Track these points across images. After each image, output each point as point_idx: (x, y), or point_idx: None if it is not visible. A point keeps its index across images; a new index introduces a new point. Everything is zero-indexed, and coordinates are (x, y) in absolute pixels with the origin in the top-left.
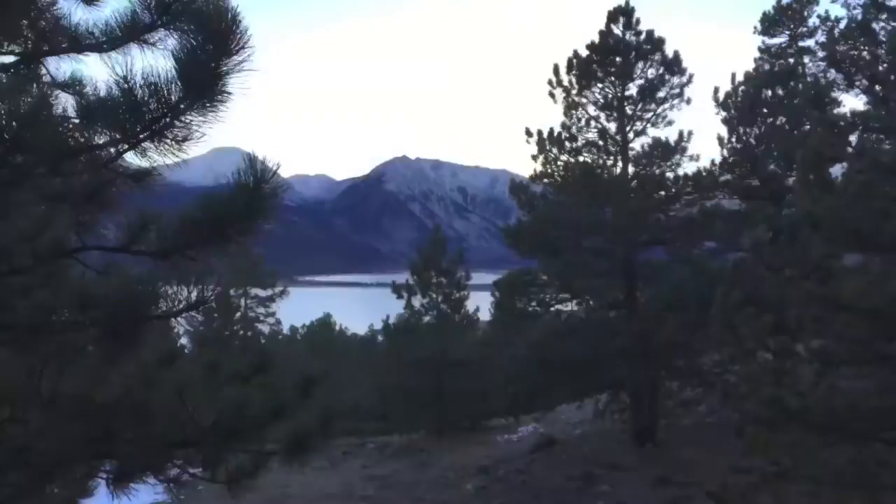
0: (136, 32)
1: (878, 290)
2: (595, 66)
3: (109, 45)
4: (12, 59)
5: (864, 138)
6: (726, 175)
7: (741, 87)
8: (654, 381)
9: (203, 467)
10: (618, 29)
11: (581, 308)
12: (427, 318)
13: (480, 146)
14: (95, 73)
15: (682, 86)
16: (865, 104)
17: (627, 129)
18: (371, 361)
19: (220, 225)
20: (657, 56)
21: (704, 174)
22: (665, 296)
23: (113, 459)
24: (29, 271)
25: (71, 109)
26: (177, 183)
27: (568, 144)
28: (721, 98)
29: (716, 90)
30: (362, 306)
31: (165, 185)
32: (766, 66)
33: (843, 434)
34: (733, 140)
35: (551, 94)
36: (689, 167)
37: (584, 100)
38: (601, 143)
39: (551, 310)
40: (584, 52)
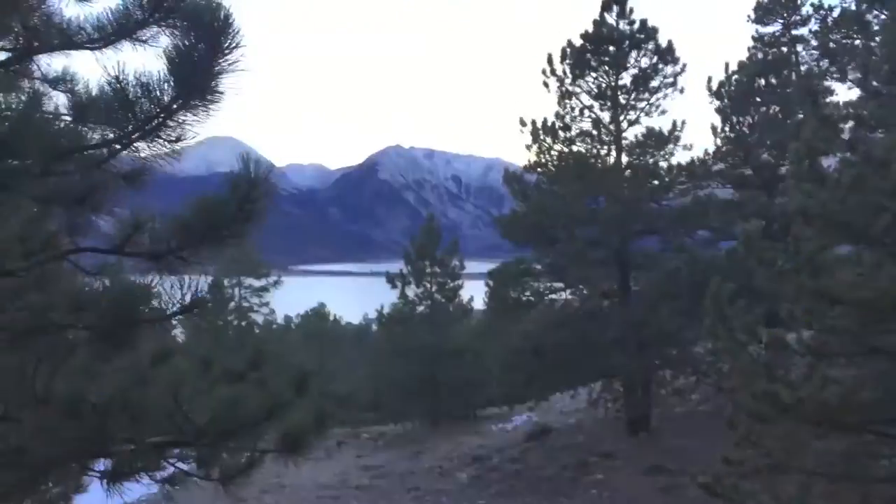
0: (128, 29)
1: (870, 283)
2: (588, 55)
3: (101, 41)
4: (3, 56)
5: (857, 130)
6: (719, 164)
7: (734, 76)
8: (647, 370)
9: (197, 465)
10: (611, 18)
11: (575, 297)
12: (421, 307)
13: (474, 134)
14: (87, 70)
15: (676, 75)
16: (858, 96)
17: (621, 118)
18: (365, 351)
19: (214, 227)
20: (650, 45)
21: (698, 163)
22: (659, 285)
23: (107, 459)
24: (21, 273)
25: (63, 107)
26: (170, 174)
27: (562, 134)
28: (714, 87)
29: (709, 79)
30: (356, 296)
31: (158, 176)
32: (760, 54)
33: (835, 426)
34: (726, 129)
35: (545, 84)
36: (683, 156)
37: (577, 89)
38: (595, 132)
39: (545, 299)
40: (577, 42)
